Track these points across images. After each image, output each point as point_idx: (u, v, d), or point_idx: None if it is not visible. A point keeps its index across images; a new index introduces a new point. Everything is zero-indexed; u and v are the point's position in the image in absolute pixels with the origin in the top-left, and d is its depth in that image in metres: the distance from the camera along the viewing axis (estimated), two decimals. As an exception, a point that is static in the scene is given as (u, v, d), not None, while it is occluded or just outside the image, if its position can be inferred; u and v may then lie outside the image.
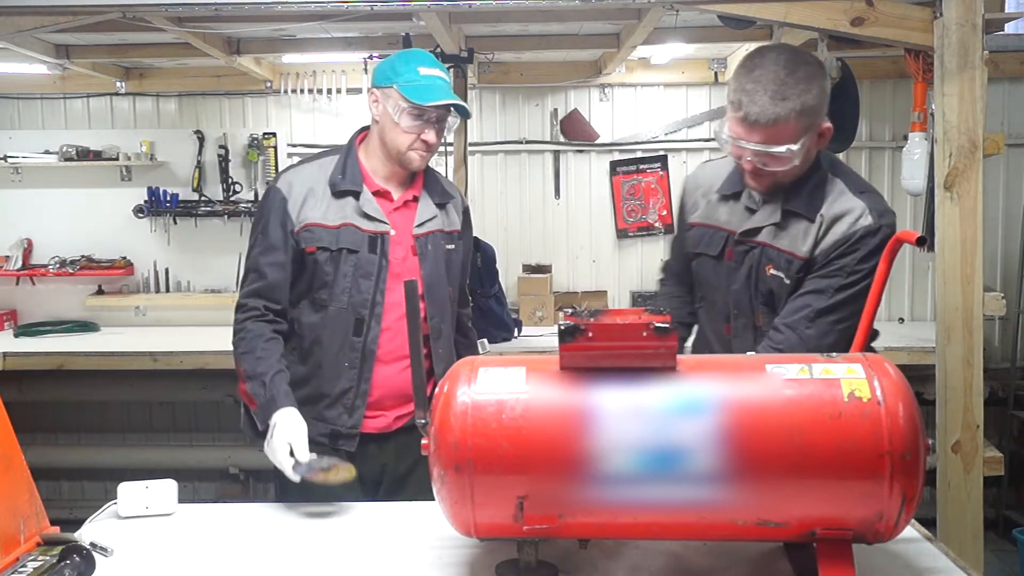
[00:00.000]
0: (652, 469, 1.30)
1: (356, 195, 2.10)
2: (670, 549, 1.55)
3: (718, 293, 2.05)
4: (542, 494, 1.32)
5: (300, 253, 2.07)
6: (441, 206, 2.22)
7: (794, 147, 1.80)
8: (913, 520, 1.57)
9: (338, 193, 2.09)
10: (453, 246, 2.24)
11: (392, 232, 2.11)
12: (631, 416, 1.32)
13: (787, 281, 1.91)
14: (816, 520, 1.33)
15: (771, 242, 1.93)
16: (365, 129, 2.23)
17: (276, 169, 4.68)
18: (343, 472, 1.80)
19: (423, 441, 1.40)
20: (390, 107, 2.07)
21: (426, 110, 2.05)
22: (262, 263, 2.07)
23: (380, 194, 2.13)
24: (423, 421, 1.45)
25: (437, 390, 1.41)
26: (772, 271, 1.92)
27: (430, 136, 2.09)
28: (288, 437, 1.84)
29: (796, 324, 1.87)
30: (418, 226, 2.16)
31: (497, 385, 1.36)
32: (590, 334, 1.34)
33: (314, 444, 1.92)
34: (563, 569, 1.47)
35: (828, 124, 1.87)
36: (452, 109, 2.10)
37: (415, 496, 2.01)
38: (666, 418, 1.31)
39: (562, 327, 1.35)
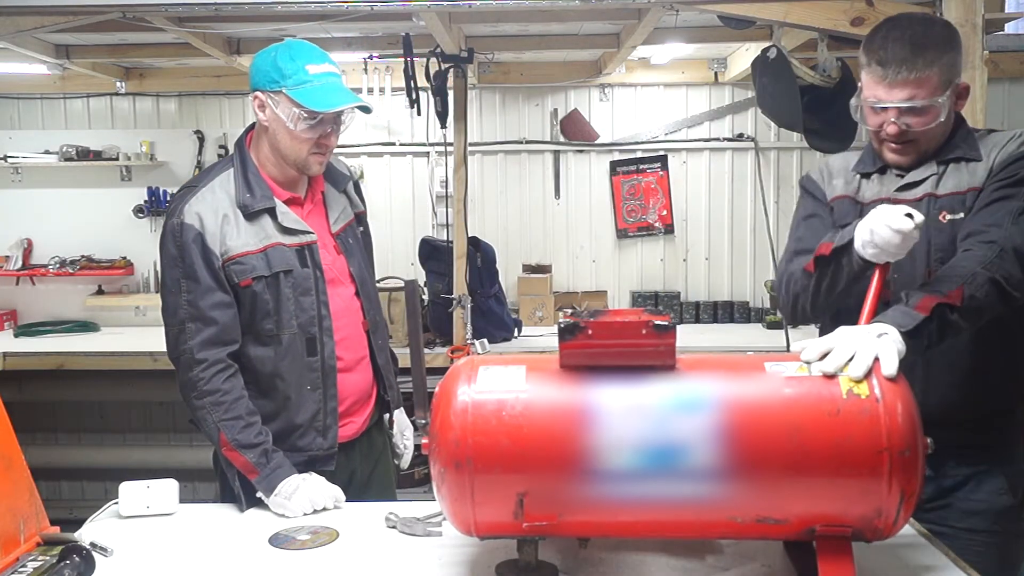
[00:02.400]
0: (652, 467, 1.30)
1: (271, 211, 1.93)
2: (671, 549, 1.55)
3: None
4: (542, 491, 1.32)
5: (233, 288, 1.90)
6: (345, 192, 2.12)
7: (938, 100, 1.71)
8: (912, 519, 1.57)
9: (251, 215, 1.92)
10: (363, 228, 2.17)
11: (315, 239, 1.98)
12: (631, 414, 1.32)
13: (963, 216, 1.76)
14: (815, 517, 1.33)
15: (935, 191, 1.80)
16: (251, 131, 2.03)
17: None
18: (324, 537, 1.69)
19: (423, 440, 1.40)
20: (281, 113, 1.89)
21: (323, 115, 1.89)
22: (204, 308, 1.87)
23: (291, 201, 1.99)
24: (423, 421, 1.45)
25: (438, 389, 1.41)
26: (948, 217, 1.77)
27: (330, 140, 1.95)
28: (315, 502, 1.81)
29: (1000, 221, 1.69)
30: (334, 223, 2.06)
31: (497, 384, 1.36)
32: (590, 332, 1.34)
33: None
34: (563, 569, 1.47)
35: (966, 83, 1.79)
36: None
37: (378, 497, 2.02)
38: (665, 416, 1.31)
39: (562, 325, 1.35)
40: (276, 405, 1.96)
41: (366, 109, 1.95)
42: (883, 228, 1.54)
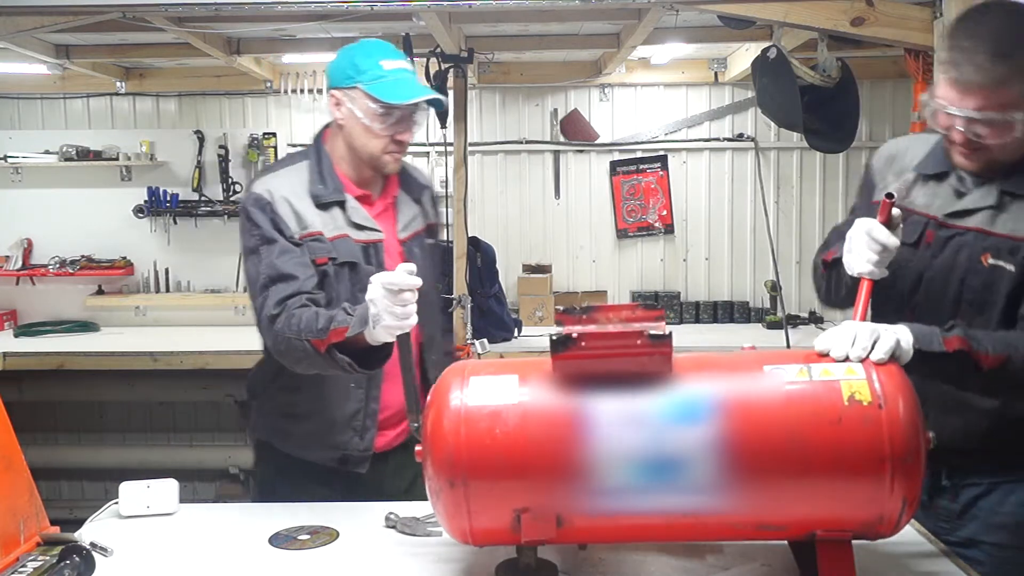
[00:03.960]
0: (650, 478, 1.29)
1: (342, 204, 1.94)
2: (671, 549, 1.55)
3: (905, 282, 1.72)
4: (539, 506, 1.30)
5: (311, 262, 1.88)
6: (419, 201, 2.10)
7: (1017, 116, 1.52)
8: (914, 521, 1.56)
9: (323, 205, 1.92)
10: (433, 240, 2.13)
11: (383, 237, 1.98)
12: (627, 424, 1.29)
13: (1012, 269, 1.59)
14: (816, 523, 1.32)
15: (988, 227, 1.62)
16: (329, 128, 2.04)
17: (276, 169, 4.68)
18: (324, 537, 1.68)
19: (417, 448, 1.38)
20: (357, 109, 1.90)
21: (398, 109, 1.90)
22: (283, 267, 1.84)
23: (362, 199, 1.99)
24: (416, 425, 1.44)
25: (428, 400, 1.39)
26: (991, 260, 1.60)
27: (404, 136, 1.94)
28: (383, 281, 1.64)
29: None
30: (403, 229, 2.03)
31: (489, 394, 1.33)
32: (582, 343, 1.30)
33: (323, 469, 1.93)
34: (563, 569, 1.47)
35: None
36: (424, 103, 1.93)
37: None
38: (662, 425, 1.29)
39: (553, 338, 1.30)
40: (317, 398, 1.95)
41: (439, 104, 1.95)
42: (853, 254, 1.54)
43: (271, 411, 2.07)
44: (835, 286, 1.74)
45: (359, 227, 1.95)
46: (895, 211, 1.53)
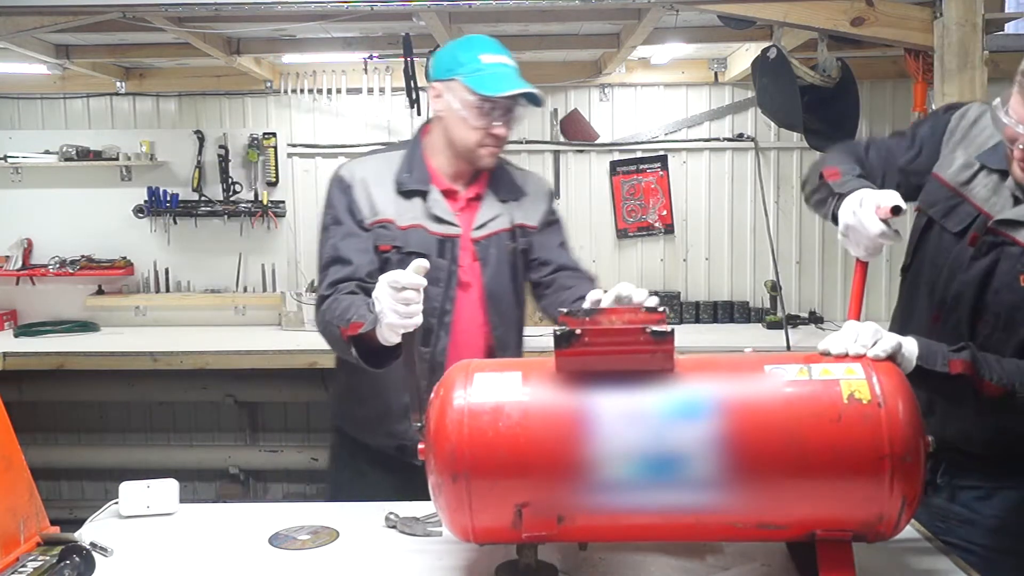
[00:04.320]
0: (651, 474, 1.29)
1: (424, 195, 1.97)
2: (671, 549, 1.55)
3: (939, 273, 1.67)
4: (541, 501, 1.31)
5: (374, 249, 1.94)
6: (508, 202, 2.05)
7: None
8: (914, 521, 1.56)
9: (405, 192, 1.96)
10: (515, 244, 2.06)
11: (460, 233, 1.98)
12: (629, 420, 1.30)
13: None
14: (816, 522, 1.32)
15: None
16: (430, 122, 2.07)
17: (276, 169, 4.69)
18: (324, 537, 1.69)
19: (420, 446, 1.39)
20: (454, 101, 1.92)
21: (495, 102, 1.90)
22: (343, 249, 1.92)
23: (447, 193, 2.00)
24: (419, 424, 1.44)
25: (432, 396, 1.40)
26: None
27: (500, 130, 1.94)
28: (388, 279, 1.61)
29: None
30: (477, 228, 2.01)
31: (493, 391, 1.34)
32: (586, 339, 1.31)
33: (385, 456, 1.95)
34: (563, 569, 1.47)
35: None
36: (523, 100, 1.94)
37: None
38: (664, 422, 1.30)
39: (557, 332, 1.32)
40: (375, 382, 1.95)
41: (536, 99, 1.94)
42: (859, 225, 1.50)
43: (341, 392, 2.14)
44: (817, 205, 1.71)
45: (438, 219, 1.97)
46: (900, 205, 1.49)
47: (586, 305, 1.54)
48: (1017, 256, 1.56)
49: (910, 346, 1.41)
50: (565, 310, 1.35)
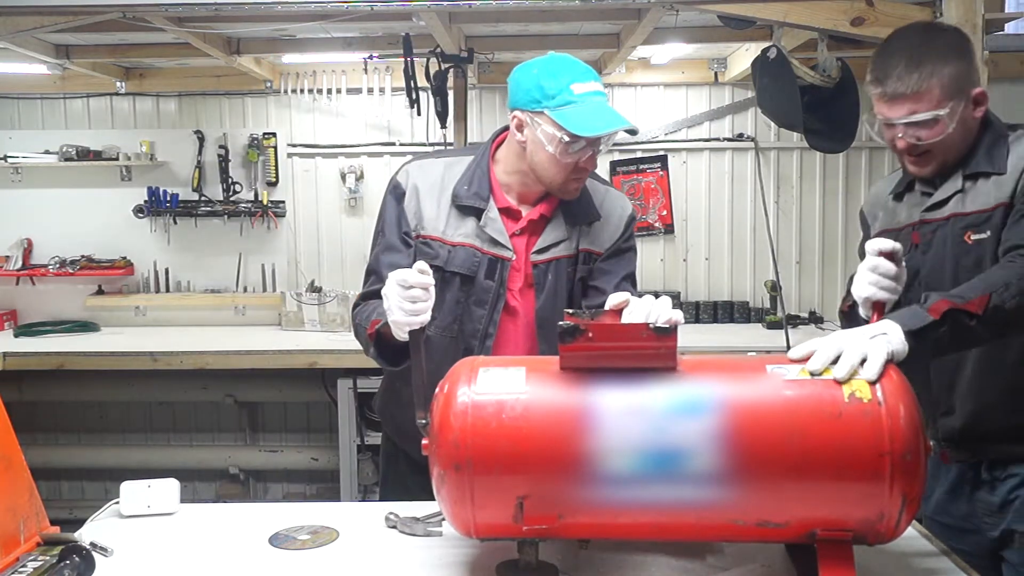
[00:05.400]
0: (652, 469, 1.30)
1: (479, 212, 1.87)
2: (671, 549, 1.55)
3: (911, 290, 1.77)
4: (542, 494, 1.32)
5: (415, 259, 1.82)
6: (578, 226, 1.93)
7: (941, 112, 1.71)
8: (915, 522, 1.57)
9: (459, 207, 1.87)
10: (575, 270, 1.94)
11: (513, 258, 1.88)
12: (631, 416, 1.32)
13: (989, 235, 1.73)
14: (816, 521, 1.32)
15: (960, 210, 1.78)
16: (506, 130, 1.93)
17: (276, 169, 4.70)
18: (324, 537, 1.68)
19: (423, 441, 1.40)
20: (542, 135, 1.78)
21: (589, 139, 1.77)
22: (380, 264, 1.89)
23: (507, 212, 1.90)
24: (423, 421, 1.45)
25: (437, 390, 1.41)
26: (974, 236, 1.75)
27: (590, 164, 1.84)
28: (397, 278, 1.60)
29: None
30: (537, 252, 1.90)
31: (497, 385, 1.36)
32: (590, 335, 1.33)
33: (417, 457, 1.93)
34: (563, 569, 1.47)
35: (981, 89, 1.79)
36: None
37: None
38: (666, 418, 1.31)
39: (562, 327, 1.34)
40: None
41: (633, 131, 1.83)
42: (857, 285, 1.60)
43: (384, 395, 2.14)
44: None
45: (491, 240, 1.88)
46: (894, 246, 1.59)
47: (608, 307, 1.52)
48: (952, 226, 1.79)
49: (894, 332, 1.41)
50: (571, 311, 1.36)
